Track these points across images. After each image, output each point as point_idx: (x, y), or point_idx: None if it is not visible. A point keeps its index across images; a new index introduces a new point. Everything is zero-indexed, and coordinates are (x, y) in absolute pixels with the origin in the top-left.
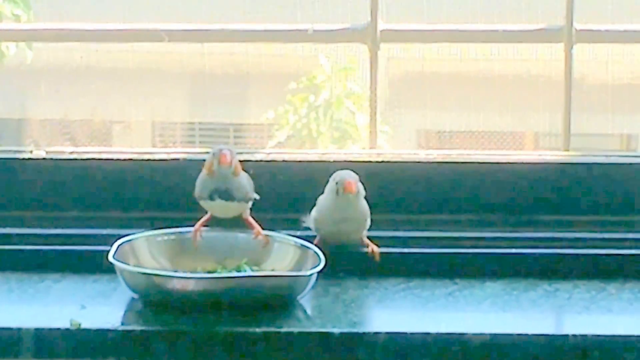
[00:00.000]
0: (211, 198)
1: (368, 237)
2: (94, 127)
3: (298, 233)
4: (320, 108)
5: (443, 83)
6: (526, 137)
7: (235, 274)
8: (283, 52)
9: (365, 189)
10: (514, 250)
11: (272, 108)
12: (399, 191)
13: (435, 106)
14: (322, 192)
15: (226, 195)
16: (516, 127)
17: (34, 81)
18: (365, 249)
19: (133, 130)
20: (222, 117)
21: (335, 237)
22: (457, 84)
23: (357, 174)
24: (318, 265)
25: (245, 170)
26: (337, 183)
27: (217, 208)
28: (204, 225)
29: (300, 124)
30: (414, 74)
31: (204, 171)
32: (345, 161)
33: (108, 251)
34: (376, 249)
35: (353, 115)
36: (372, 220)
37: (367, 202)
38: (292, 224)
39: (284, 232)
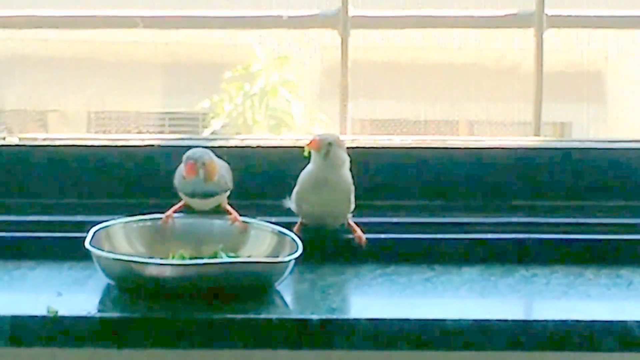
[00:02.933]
0: (190, 196)
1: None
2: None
3: (274, 219)
4: (256, 96)
5: (377, 71)
6: (460, 125)
7: (211, 260)
8: (218, 41)
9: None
10: (490, 236)
11: (207, 97)
12: (374, 177)
13: (369, 95)
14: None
15: (205, 195)
16: (450, 115)
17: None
18: (348, 235)
19: (69, 120)
20: (157, 106)
21: (318, 214)
22: (392, 72)
23: None
24: (296, 251)
25: (219, 157)
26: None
27: (196, 204)
28: (179, 212)
29: (235, 112)
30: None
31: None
32: None
33: (83, 238)
34: (362, 235)
35: (289, 104)
36: None
37: None
38: (269, 210)
39: (260, 218)
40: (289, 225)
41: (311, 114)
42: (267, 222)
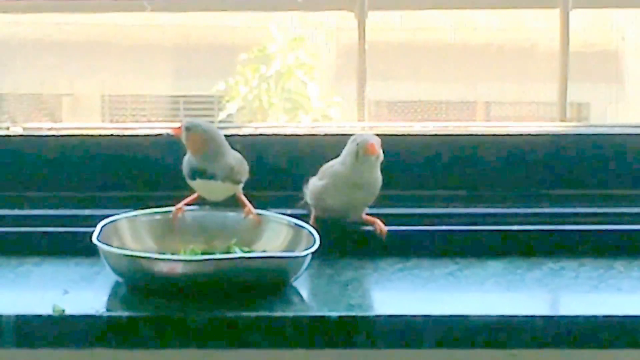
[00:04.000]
0: (192, 177)
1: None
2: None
3: (289, 211)
4: (272, 79)
5: (393, 53)
6: (477, 106)
7: (224, 255)
8: (233, 23)
9: None
10: (516, 227)
11: (223, 79)
12: (393, 166)
13: (386, 76)
14: (319, 164)
15: (206, 175)
16: (467, 96)
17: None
18: (368, 227)
19: (81, 103)
20: (172, 89)
21: (338, 211)
22: (407, 53)
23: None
24: (313, 245)
25: (234, 148)
26: (358, 144)
27: (202, 188)
28: (190, 204)
29: (251, 95)
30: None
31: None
32: (337, 134)
33: (90, 233)
34: (383, 227)
35: (304, 86)
36: None
37: None
38: (284, 202)
39: (275, 210)
40: (305, 218)
41: (327, 96)
42: (283, 214)
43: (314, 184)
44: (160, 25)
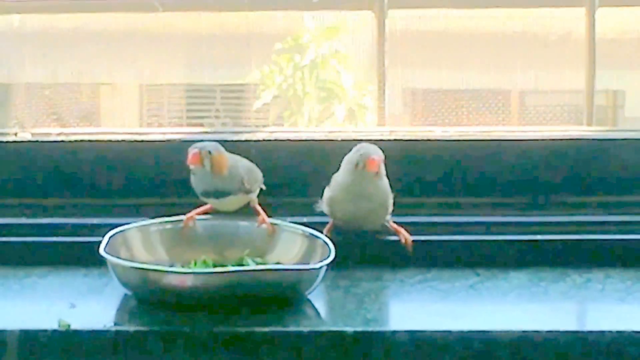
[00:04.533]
0: (206, 196)
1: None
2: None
3: (305, 220)
4: (306, 68)
5: (428, 41)
6: (512, 95)
7: (236, 268)
8: (268, 12)
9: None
10: (540, 237)
11: (258, 68)
12: (412, 172)
13: (419, 64)
14: (335, 172)
15: (218, 194)
16: (501, 85)
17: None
18: (385, 237)
19: (120, 93)
20: (208, 78)
21: (352, 221)
22: (443, 41)
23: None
24: (328, 257)
25: (246, 157)
26: (361, 155)
27: (216, 205)
28: (204, 214)
29: (286, 84)
30: (400, 31)
31: None
32: (354, 140)
33: (99, 242)
34: (409, 237)
35: (339, 75)
36: None
37: None
38: (299, 210)
39: (291, 219)
40: (322, 226)
41: (361, 85)
42: (298, 222)
43: (325, 193)
44: (196, 14)
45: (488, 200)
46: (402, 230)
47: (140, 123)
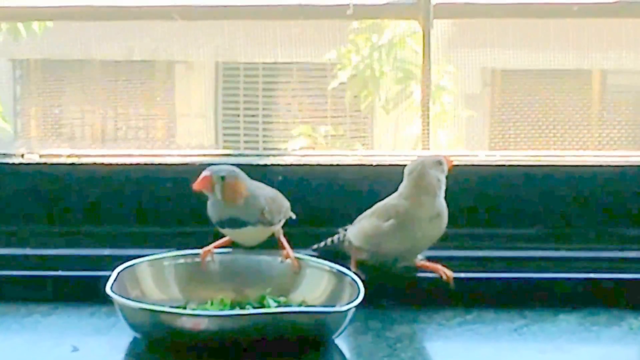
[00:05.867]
0: (221, 226)
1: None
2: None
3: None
4: (384, 48)
5: (505, 19)
6: (593, 75)
7: (255, 311)
8: None
9: None
10: (595, 275)
11: (334, 47)
12: (452, 200)
13: (499, 44)
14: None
15: (233, 224)
16: (582, 64)
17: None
18: (422, 274)
19: (195, 71)
20: (284, 56)
21: (394, 255)
22: (521, 20)
23: None
24: (356, 298)
25: (271, 185)
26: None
27: (235, 236)
28: (222, 247)
29: (362, 64)
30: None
31: None
32: (389, 164)
33: (108, 277)
34: (449, 273)
35: (416, 55)
36: None
37: None
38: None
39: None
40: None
41: (440, 65)
42: (325, 258)
43: (373, 224)
44: None
45: (538, 232)
46: (438, 267)
47: (215, 103)
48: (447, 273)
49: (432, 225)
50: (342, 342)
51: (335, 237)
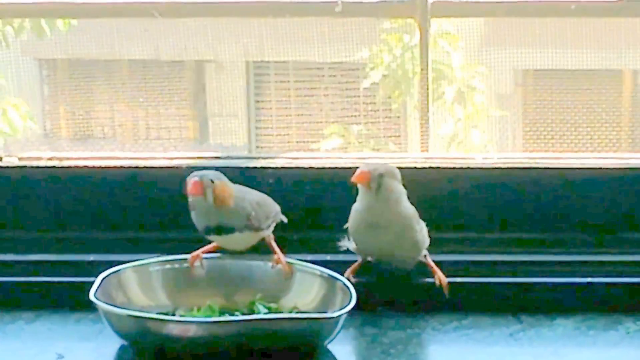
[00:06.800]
0: (207, 233)
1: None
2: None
3: (328, 257)
4: (415, 48)
5: (537, 20)
6: (624, 75)
7: (244, 317)
8: None
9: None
10: (590, 280)
11: (367, 47)
12: (449, 204)
13: (531, 44)
14: None
15: (220, 230)
16: (614, 64)
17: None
18: (418, 279)
19: (225, 69)
20: (316, 55)
21: (379, 257)
22: (552, 21)
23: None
24: (348, 303)
25: (259, 189)
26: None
27: (223, 242)
28: (211, 252)
29: (394, 64)
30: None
31: None
32: None
33: (93, 283)
34: (444, 279)
35: (448, 55)
36: None
37: None
38: (320, 247)
39: (311, 256)
40: (348, 265)
41: (471, 66)
42: (321, 261)
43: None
44: None
45: (535, 236)
46: (438, 271)
47: (247, 103)
48: (442, 279)
49: (391, 233)
50: (335, 348)
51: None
